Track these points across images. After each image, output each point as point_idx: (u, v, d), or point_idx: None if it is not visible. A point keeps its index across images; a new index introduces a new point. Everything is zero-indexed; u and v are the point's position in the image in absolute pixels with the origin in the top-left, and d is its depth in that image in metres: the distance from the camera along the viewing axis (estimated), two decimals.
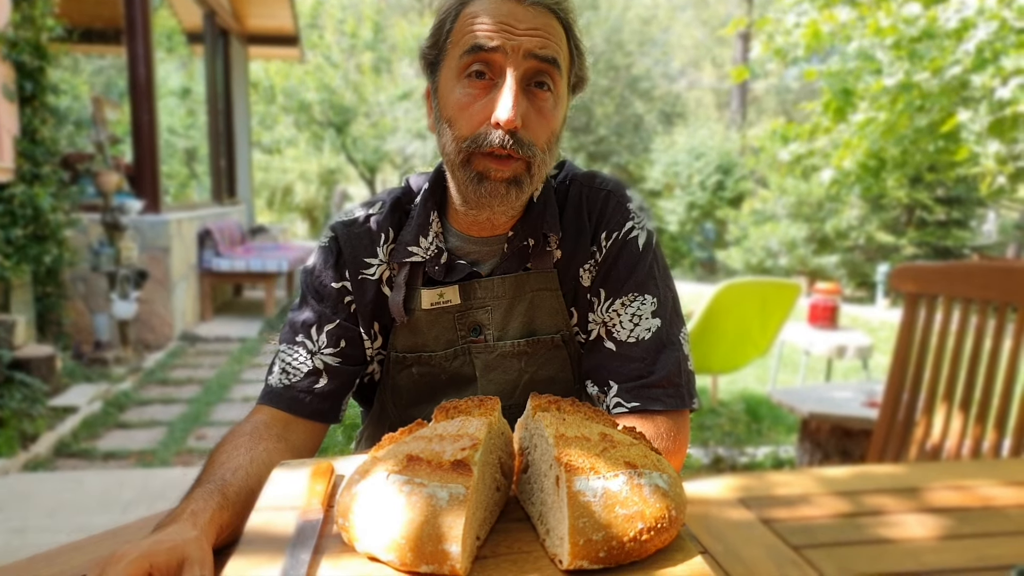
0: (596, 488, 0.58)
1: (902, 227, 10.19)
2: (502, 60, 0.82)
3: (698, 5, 20.55)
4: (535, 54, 0.82)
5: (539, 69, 0.83)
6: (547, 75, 0.83)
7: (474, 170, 0.84)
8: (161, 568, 0.59)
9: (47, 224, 4.11)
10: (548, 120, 0.85)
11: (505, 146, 0.82)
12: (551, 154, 0.88)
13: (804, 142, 5.08)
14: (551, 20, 0.84)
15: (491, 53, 0.81)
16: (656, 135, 14.07)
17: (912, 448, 1.70)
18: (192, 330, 5.74)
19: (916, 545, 0.81)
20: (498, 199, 0.85)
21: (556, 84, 0.85)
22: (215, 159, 7.45)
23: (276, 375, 0.93)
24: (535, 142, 0.84)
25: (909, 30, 3.97)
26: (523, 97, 0.82)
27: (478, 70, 0.83)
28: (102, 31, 6.29)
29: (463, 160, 0.85)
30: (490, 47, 0.81)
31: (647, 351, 0.89)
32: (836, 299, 4.35)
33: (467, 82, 0.84)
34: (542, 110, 0.84)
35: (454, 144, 0.85)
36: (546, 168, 0.88)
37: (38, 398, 3.59)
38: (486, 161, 0.83)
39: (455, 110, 0.84)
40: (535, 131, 0.84)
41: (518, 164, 0.84)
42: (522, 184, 0.85)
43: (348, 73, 15.17)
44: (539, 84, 0.84)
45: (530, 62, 0.82)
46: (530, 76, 0.83)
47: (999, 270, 1.65)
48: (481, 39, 0.82)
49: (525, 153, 0.83)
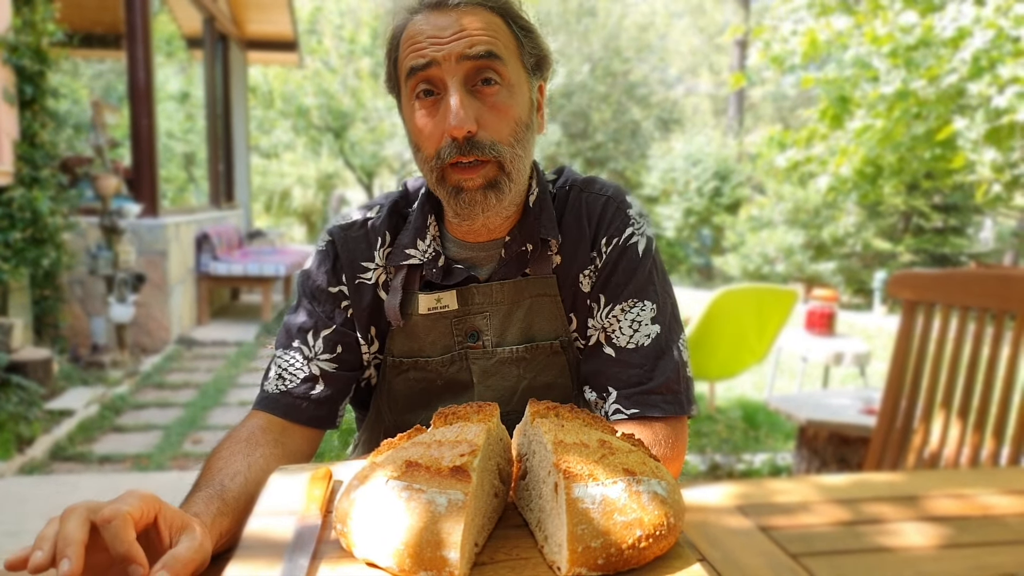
0: (595, 495, 0.58)
1: (899, 234, 10.21)
2: (439, 72, 0.82)
3: (695, 12, 20.64)
4: (466, 55, 0.82)
5: (477, 67, 0.83)
6: (489, 70, 0.83)
7: (449, 185, 0.85)
8: (167, 518, 0.61)
9: (45, 227, 4.11)
10: (505, 113, 0.84)
11: (465, 153, 0.82)
12: (523, 145, 0.87)
13: (801, 149, 5.10)
14: (479, 14, 0.84)
15: (427, 70, 0.82)
16: (653, 141, 14.11)
17: (910, 456, 1.70)
18: (189, 334, 5.73)
19: (915, 554, 0.81)
20: (478, 206, 0.85)
21: (503, 75, 0.84)
22: (213, 163, 7.45)
23: (272, 380, 0.92)
24: (498, 139, 0.84)
25: (906, 38, 3.99)
26: (471, 100, 0.83)
27: (424, 89, 0.84)
28: (102, 36, 6.30)
29: (438, 178, 0.86)
30: (423, 64, 0.82)
31: (646, 357, 0.89)
32: (833, 306, 4.36)
33: (418, 104, 0.85)
34: (496, 105, 0.84)
35: (426, 164, 0.86)
36: (523, 161, 0.87)
37: (34, 401, 3.58)
38: (456, 174, 0.84)
39: (416, 132, 0.86)
40: (494, 128, 0.84)
41: (488, 167, 0.84)
42: (499, 185, 0.85)
43: (346, 78, 15.20)
44: (485, 81, 0.83)
45: (464, 64, 0.82)
46: (472, 77, 0.83)
47: (996, 278, 1.65)
48: (414, 60, 0.83)
49: (489, 154, 0.83)
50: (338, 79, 15.08)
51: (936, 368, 1.67)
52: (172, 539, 0.61)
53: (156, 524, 0.60)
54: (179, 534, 0.61)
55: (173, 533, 0.61)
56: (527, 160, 0.89)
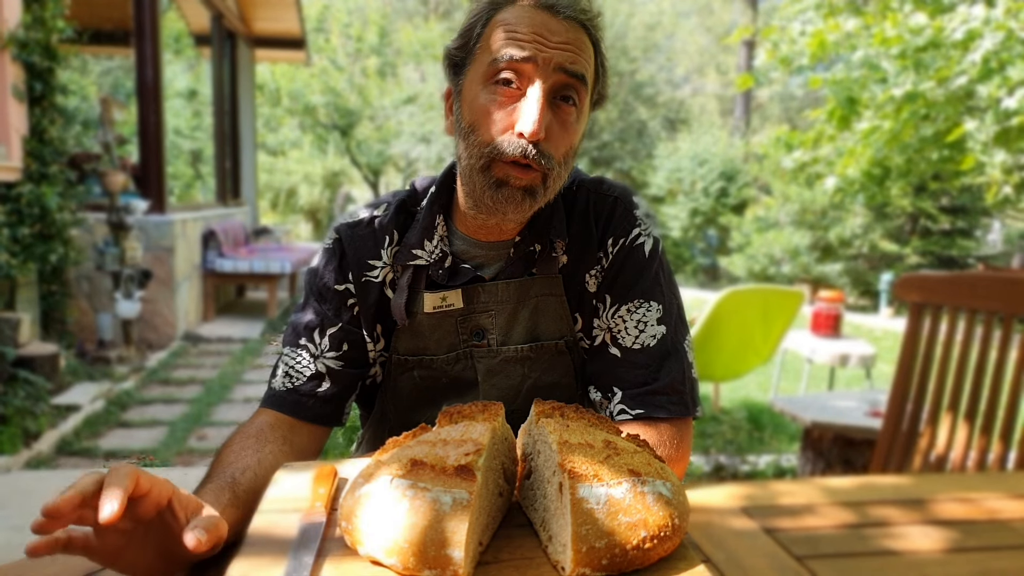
0: (599, 495, 0.58)
1: (906, 236, 10.16)
2: (531, 71, 0.81)
3: (703, 12, 20.59)
4: (565, 68, 0.81)
5: (567, 83, 0.82)
6: (574, 89, 0.83)
7: (494, 176, 0.84)
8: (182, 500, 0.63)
9: (53, 223, 4.12)
10: (570, 134, 0.85)
11: (527, 156, 0.81)
12: (567, 168, 0.87)
13: (808, 150, 5.08)
14: (582, 35, 0.84)
15: (521, 63, 0.81)
16: (660, 141, 14.07)
17: (916, 459, 1.69)
18: (195, 330, 5.75)
19: (921, 557, 0.80)
20: (514, 205, 0.84)
21: (581, 100, 0.84)
22: (220, 160, 7.47)
23: (279, 378, 0.93)
24: (554, 155, 0.84)
25: (915, 40, 3.97)
26: (548, 110, 0.82)
27: (506, 78, 0.82)
28: (111, 33, 6.32)
29: (483, 166, 0.84)
30: (521, 57, 0.81)
31: (652, 358, 0.89)
32: (839, 307, 4.34)
33: (493, 88, 0.83)
34: (565, 124, 0.84)
35: (476, 149, 0.84)
36: (561, 181, 0.88)
37: (41, 396, 3.60)
38: (507, 168, 0.83)
39: (479, 115, 0.84)
40: (556, 144, 0.83)
41: (536, 175, 0.83)
42: (536, 195, 0.85)
43: (353, 76, 15.24)
44: (564, 98, 0.83)
45: (559, 76, 0.82)
46: (557, 89, 0.83)
47: (1005, 281, 1.64)
48: (513, 48, 0.81)
49: (545, 165, 0.83)
50: (345, 77, 15.12)
51: (943, 371, 1.66)
52: (188, 520, 0.62)
53: (171, 506, 0.62)
54: (194, 516, 0.62)
55: (189, 515, 0.62)
56: (562, 182, 0.89)
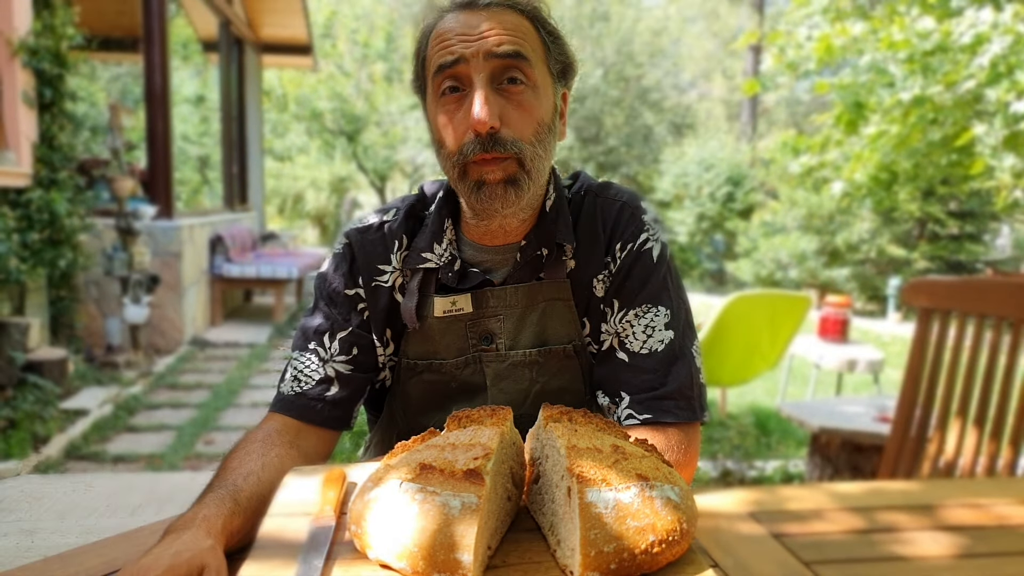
0: (608, 500, 0.58)
1: (914, 240, 10.11)
2: (466, 69, 0.83)
3: (709, 17, 20.59)
4: (495, 53, 0.83)
5: (505, 66, 0.84)
6: (516, 69, 0.84)
7: (471, 180, 0.86)
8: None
9: (63, 228, 4.16)
10: (529, 112, 0.85)
11: (487, 149, 0.83)
12: (544, 146, 0.88)
13: (815, 154, 5.06)
14: (510, 16, 0.85)
15: (455, 67, 0.83)
16: (666, 146, 14.07)
17: (925, 464, 1.68)
18: (202, 335, 5.77)
19: (930, 563, 0.80)
20: (499, 200, 0.85)
21: (529, 76, 0.85)
22: (227, 166, 7.51)
23: (288, 382, 0.93)
24: (520, 137, 0.84)
25: (923, 44, 3.96)
26: (496, 97, 0.83)
27: (450, 86, 0.85)
28: (120, 39, 6.38)
29: (459, 174, 0.86)
30: (451, 61, 0.83)
31: (660, 363, 0.89)
32: (847, 312, 4.32)
33: (444, 100, 0.86)
34: (520, 104, 0.85)
35: (448, 160, 0.87)
36: (543, 162, 0.88)
37: (50, 400, 3.62)
38: (478, 168, 0.85)
39: (441, 129, 0.87)
40: (517, 126, 0.84)
41: (508, 163, 0.84)
42: (519, 182, 0.86)
43: (360, 82, 15.30)
44: (511, 80, 0.84)
45: (492, 62, 0.83)
46: (499, 75, 0.84)
47: (1014, 286, 1.63)
48: (443, 55, 0.84)
49: (511, 150, 0.84)
50: (352, 83, 15.19)
51: (952, 376, 1.65)
52: None
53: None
54: None
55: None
56: (547, 162, 0.90)
